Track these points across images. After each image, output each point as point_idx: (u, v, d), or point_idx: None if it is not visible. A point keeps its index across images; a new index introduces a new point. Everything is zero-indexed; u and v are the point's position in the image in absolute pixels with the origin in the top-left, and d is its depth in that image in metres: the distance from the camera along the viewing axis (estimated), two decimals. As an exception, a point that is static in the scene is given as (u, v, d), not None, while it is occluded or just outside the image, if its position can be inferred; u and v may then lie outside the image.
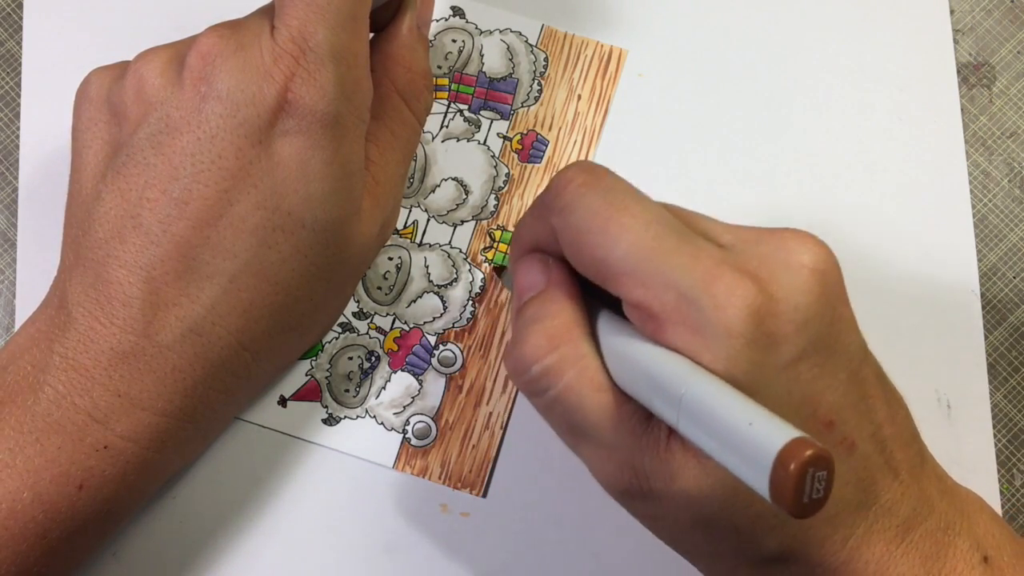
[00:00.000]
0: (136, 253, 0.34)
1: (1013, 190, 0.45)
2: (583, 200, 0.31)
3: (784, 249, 0.30)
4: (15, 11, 0.45)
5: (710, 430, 0.26)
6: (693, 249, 0.29)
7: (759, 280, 0.29)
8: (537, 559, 0.41)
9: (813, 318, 0.29)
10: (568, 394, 0.31)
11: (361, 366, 0.42)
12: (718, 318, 0.28)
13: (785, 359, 0.29)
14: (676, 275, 0.29)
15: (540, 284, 0.33)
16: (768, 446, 0.24)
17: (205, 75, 0.34)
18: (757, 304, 0.28)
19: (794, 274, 0.29)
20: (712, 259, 0.29)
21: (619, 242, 0.30)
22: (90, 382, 0.33)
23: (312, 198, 0.35)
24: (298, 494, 0.41)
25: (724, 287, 0.28)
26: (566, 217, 0.31)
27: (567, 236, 0.32)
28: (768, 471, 0.24)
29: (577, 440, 0.33)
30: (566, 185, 0.32)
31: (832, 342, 0.30)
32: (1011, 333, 0.44)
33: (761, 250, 0.30)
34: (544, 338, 0.32)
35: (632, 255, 0.30)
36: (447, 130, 0.44)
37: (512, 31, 0.45)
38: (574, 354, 0.31)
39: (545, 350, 0.31)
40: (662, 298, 0.29)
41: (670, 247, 0.29)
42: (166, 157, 0.34)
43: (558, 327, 0.32)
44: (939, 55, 0.46)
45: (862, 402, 0.31)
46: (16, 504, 0.33)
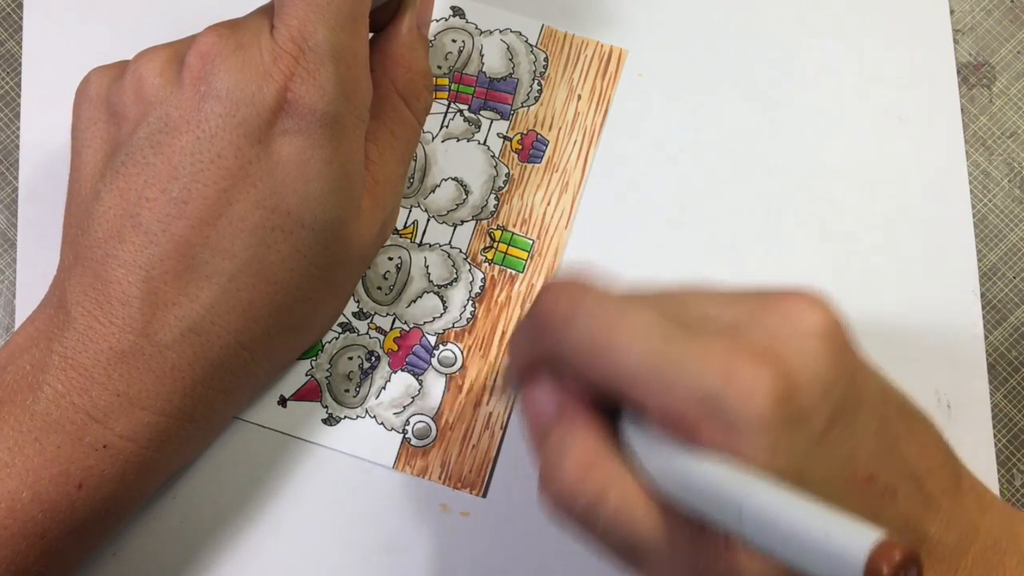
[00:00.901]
0: (135, 252, 0.34)
1: (1013, 190, 0.45)
2: (577, 321, 0.30)
3: (788, 319, 0.29)
4: (15, 11, 0.45)
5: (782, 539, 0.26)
6: (702, 343, 0.29)
7: (774, 360, 0.28)
8: (537, 559, 0.41)
9: (833, 383, 0.29)
10: (617, 518, 0.30)
11: (361, 366, 0.42)
12: (746, 412, 0.28)
13: (818, 430, 0.29)
14: (693, 378, 0.28)
15: (553, 409, 0.32)
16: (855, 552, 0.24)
17: (204, 74, 0.34)
18: (779, 387, 0.28)
19: (805, 344, 0.29)
20: (723, 350, 0.29)
21: (629, 354, 0.29)
22: (89, 381, 0.33)
23: (311, 198, 0.35)
24: (298, 494, 0.41)
25: (744, 378, 0.28)
26: (565, 340, 0.31)
27: (571, 358, 0.31)
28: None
29: (634, 562, 0.31)
30: (554, 308, 0.31)
31: (855, 398, 0.30)
32: (1011, 333, 0.44)
33: (766, 324, 0.29)
34: (579, 465, 0.31)
35: (644, 364, 0.29)
36: (447, 130, 0.44)
37: (512, 31, 0.45)
38: (613, 475, 0.30)
39: (584, 478, 0.30)
40: (685, 401, 0.28)
41: (679, 348, 0.29)
42: (165, 156, 0.34)
43: (590, 451, 0.31)
44: (939, 55, 0.46)
45: (894, 445, 0.31)
46: (15, 503, 0.33)
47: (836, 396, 0.29)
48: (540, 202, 0.44)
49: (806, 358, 0.29)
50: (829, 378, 0.29)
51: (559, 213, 0.44)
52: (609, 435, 0.31)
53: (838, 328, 0.30)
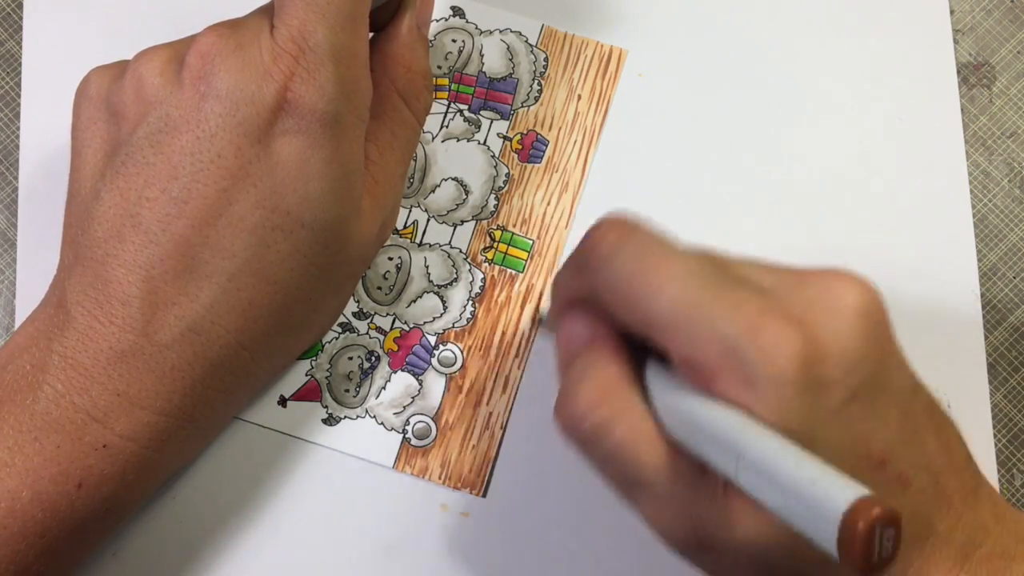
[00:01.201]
0: (135, 252, 0.34)
1: (1013, 190, 0.45)
2: (619, 258, 0.31)
3: (828, 291, 0.30)
4: (15, 11, 0.45)
5: (771, 487, 0.26)
6: (735, 298, 0.29)
7: (805, 325, 0.29)
8: (537, 559, 0.41)
9: (861, 360, 0.29)
10: (622, 447, 0.31)
11: (361, 366, 0.42)
12: (767, 368, 0.28)
13: (836, 403, 0.29)
14: (721, 327, 0.29)
15: (585, 338, 0.33)
16: (834, 505, 0.24)
17: (204, 74, 0.34)
18: (805, 351, 0.28)
19: (840, 317, 0.29)
20: (755, 307, 0.29)
21: (660, 297, 0.30)
22: (89, 381, 0.33)
23: (311, 197, 0.35)
24: (298, 494, 0.41)
25: (771, 336, 0.28)
26: (604, 276, 0.31)
27: (607, 294, 0.31)
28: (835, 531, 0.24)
29: (632, 493, 0.32)
30: (599, 243, 0.32)
31: (881, 381, 0.30)
32: (1011, 333, 0.44)
33: (805, 293, 0.30)
34: (595, 392, 0.31)
35: (674, 310, 0.29)
36: (447, 130, 0.44)
37: (512, 31, 0.45)
38: (625, 406, 0.31)
39: (596, 404, 0.31)
40: (709, 351, 0.29)
41: (711, 298, 0.29)
42: (165, 156, 0.34)
43: (607, 381, 0.32)
44: (939, 55, 0.46)
45: (914, 436, 0.31)
46: (15, 503, 0.33)
47: (862, 374, 0.29)
48: (540, 202, 0.44)
49: (838, 330, 0.29)
50: (858, 355, 0.29)
51: (559, 213, 0.44)
52: (632, 372, 0.32)
53: (878, 310, 0.30)
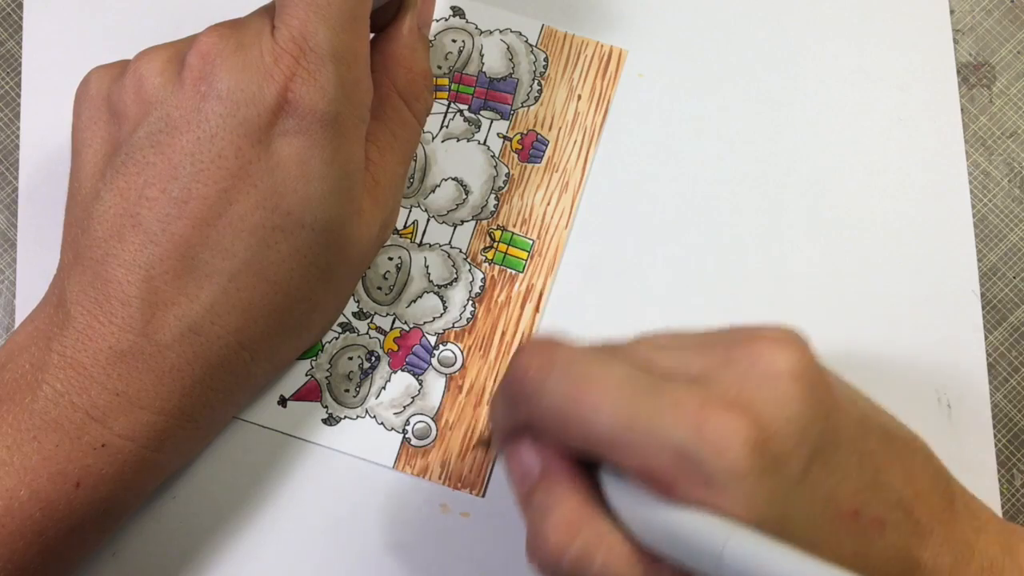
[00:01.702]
0: (135, 252, 0.34)
1: (1013, 190, 0.45)
2: (547, 388, 0.30)
3: (758, 364, 0.29)
4: (15, 11, 0.45)
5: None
6: (672, 398, 0.29)
7: (745, 408, 0.28)
8: (537, 559, 0.41)
9: (808, 425, 0.29)
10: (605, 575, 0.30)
11: (361, 366, 0.42)
12: (722, 464, 0.27)
13: (796, 474, 0.28)
14: (666, 433, 0.28)
15: (535, 470, 0.32)
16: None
17: (205, 74, 0.34)
18: (753, 435, 0.28)
19: (776, 388, 0.29)
20: (694, 403, 0.28)
21: (597, 418, 0.29)
22: (88, 381, 0.33)
23: (312, 198, 0.35)
24: (298, 494, 0.41)
25: (716, 430, 0.28)
26: (536, 407, 0.30)
27: (544, 423, 0.31)
28: None
29: None
30: (524, 375, 0.31)
31: (833, 436, 0.29)
32: (1011, 333, 0.44)
33: (736, 370, 0.29)
34: (562, 527, 0.30)
35: (616, 424, 0.29)
36: (447, 130, 0.44)
37: (512, 31, 0.45)
38: (598, 534, 0.30)
39: (569, 539, 0.30)
40: (660, 460, 0.28)
41: (649, 405, 0.29)
42: (166, 156, 0.34)
43: (571, 510, 0.30)
44: (939, 55, 0.46)
45: (877, 477, 0.30)
46: (13, 502, 0.33)
47: (813, 437, 0.29)
48: (540, 202, 0.44)
49: (778, 402, 0.28)
50: (804, 420, 0.28)
51: (559, 213, 0.44)
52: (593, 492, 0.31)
53: (810, 366, 0.29)
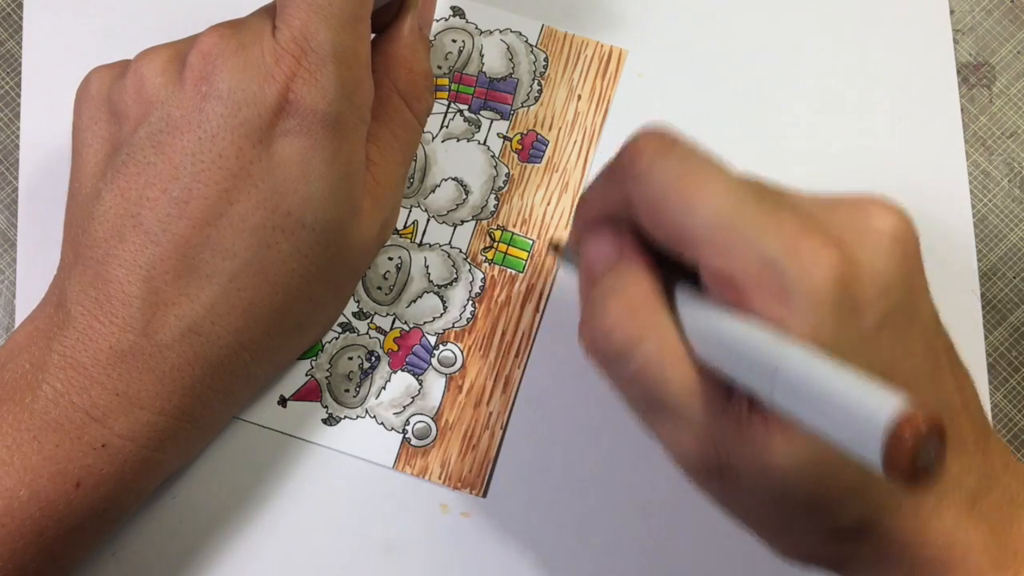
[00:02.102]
0: (136, 252, 0.34)
1: (1013, 190, 0.45)
2: (660, 168, 0.30)
3: (865, 216, 0.30)
4: (15, 11, 0.45)
5: (810, 402, 0.25)
6: (775, 216, 0.29)
7: (842, 245, 0.28)
8: (537, 559, 0.41)
9: (894, 285, 0.29)
10: (648, 366, 0.30)
11: (361, 366, 0.42)
12: (804, 284, 0.28)
13: (868, 326, 0.28)
14: (759, 242, 0.28)
15: (613, 256, 0.32)
16: (880, 416, 0.23)
17: (206, 74, 0.34)
18: (842, 270, 0.28)
19: (876, 241, 0.29)
20: (794, 225, 0.28)
21: (699, 210, 0.29)
22: (89, 381, 0.33)
23: (312, 198, 0.35)
24: (298, 494, 0.41)
25: (808, 253, 0.28)
26: (642, 186, 0.30)
27: (644, 205, 0.31)
28: (881, 442, 0.23)
29: (654, 415, 0.31)
30: (640, 153, 0.31)
31: (911, 310, 0.30)
32: (1011, 333, 0.44)
33: (842, 217, 0.29)
34: (624, 308, 0.31)
35: (713, 222, 0.29)
36: (447, 130, 0.44)
37: (512, 31, 0.45)
38: (654, 324, 0.30)
39: (624, 321, 0.30)
40: (745, 265, 0.28)
41: (751, 214, 0.29)
42: (167, 156, 0.34)
43: (636, 297, 0.31)
44: (939, 55, 0.46)
45: (936, 372, 0.31)
46: (13, 502, 0.33)
47: (894, 300, 0.29)
48: (540, 202, 0.44)
49: (874, 253, 0.29)
50: (892, 279, 0.29)
51: (559, 213, 0.44)
52: (661, 292, 0.31)
53: (912, 238, 0.30)
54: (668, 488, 0.41)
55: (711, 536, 0.41)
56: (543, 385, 0.42)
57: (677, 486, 0.41)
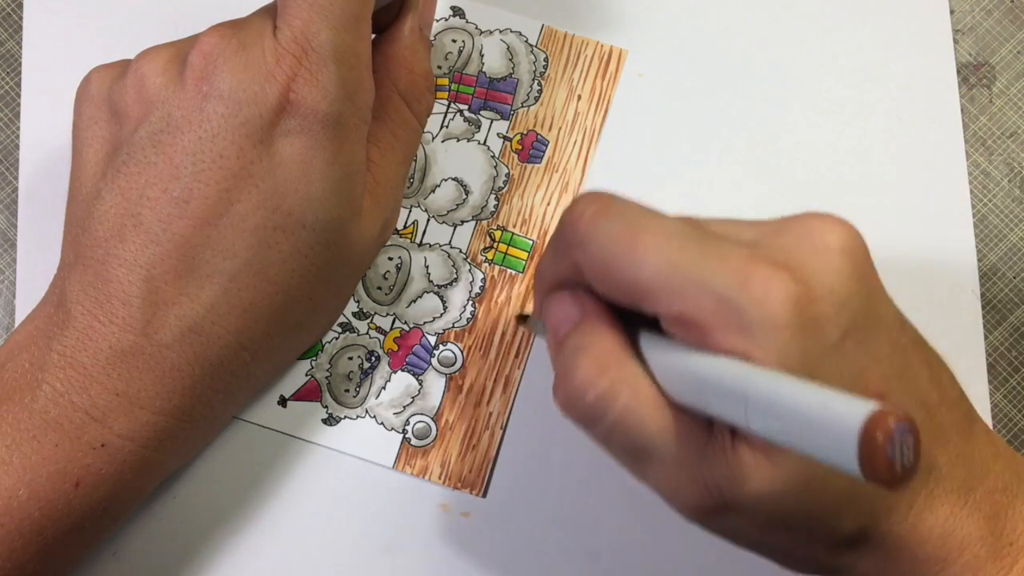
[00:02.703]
0: (136, 252, 0.34)
1: (1013, 190, 0.45)
2: (600, 229, 0.31)
3: (808, 234, 0.30)
4: (15, 11, 0.45)
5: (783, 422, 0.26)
6: (720, 251, 0.29)
7: (791, 269, 0.29)
8: (537, 559, 0.41)
9: (850, 296, 0.29)
10: (626, 416, 0.31)
11: (361, 366, 0.42)
12: (761, 313, 0.28)
13: (831, 341, 0.29)
14: (710, 280, 0.29)
15: (575, 316, 0.33)
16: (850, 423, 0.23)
17: (207, 74, 0.34)
18: (796, 293, 0.28)
19: (825, 258, 0.29)
20: (741, 257, 0.29)
21: (646, 261, 0.30)
22: (88, 380, 0.33)
23: (313, 198, 0.35)
24: (298, 494, 0.41)
25: (760, 282, 0.28)
26: (586, 249, 0.31)
27: (592, 268, 0.31)
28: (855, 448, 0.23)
29: (641, 465, 0.32)
30: (579, 219, 0.31)
31: (870, 316, 0.30)
32: (1011, 333, 0.44)
33: (786, 240, 0.30)
34: (592, 365, 0.31)
35: (662, 271, 0.29)
36: (447, 130, 0.44)
37: (512, 31, 0.45)
38: (625, 375, 0.31)
39: (596, 376, 0.31)
40: (701, 306, 0.29)
41: (697, 255, 0.29)
42: (167, 156, 0.34)
43: (603, 353, 0.31)
44: (939, 55, 0.46)
45: (906, 370, 0.31)
46: (12, 501, 0.33)
47: (852, 311, 0.29)
48: (540, 202, 0.44)
49: (825, 270, 0.29)
50: (846, 292, 0.29)
51: (559, 213, 0.43)
52: (626, 343, 0.32)
53: (859, 247, 0.30)
54: (668, 488, 0.41)
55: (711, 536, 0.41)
56: (543, 385, 0.42)
57: (677, 486, 0.41)
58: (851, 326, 0.29)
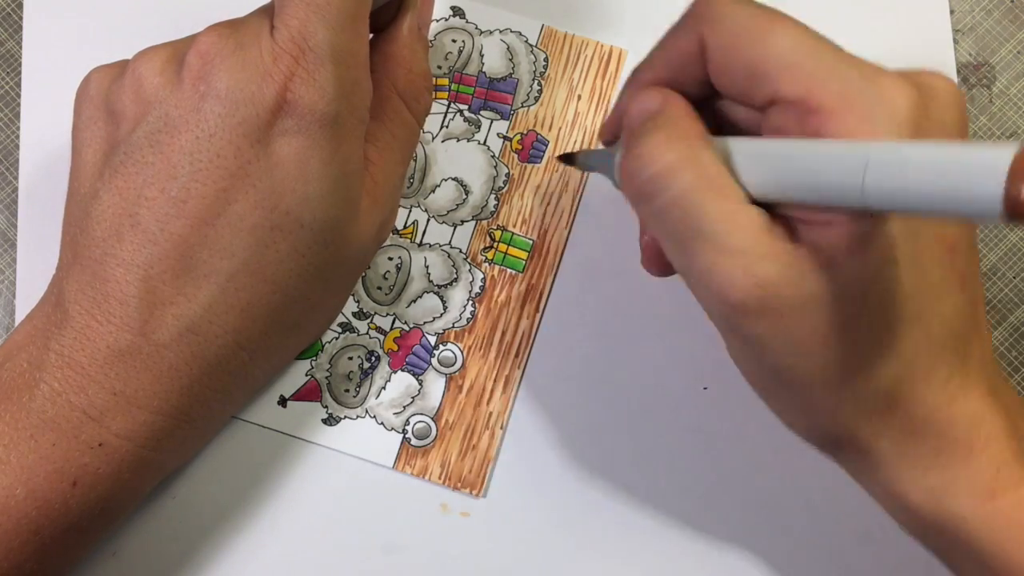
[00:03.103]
0: (134, 251, 0.34)
1: (1013, 190, 0.45)
2: (734, 9, 0.31)
3: (928, 77, 0.31)
4: (15, 11, 0.45)
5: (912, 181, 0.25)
6: (851, 56, 0.30)
7: (918, 86, 0.30)
8: (537, 559, 0.41)
9: (961, 130, 0.30)
10: (687, 195, 0.30)
11: (361, 366, 0.42)
12: (887, 108, 0.29)
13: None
14: (842, 68, 0.29)
15: (658, 106, 0.33)
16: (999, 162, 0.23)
17: (204, 74, 0.34)
18: (919, 99, 0.29)
19: (942, 94, 0.31)
20: (870, 65, 0.30)
21: (782, 39, 0.30)
22: (86, 380, 0.33)
23: (310, 198, 0.35)
24: (298, 494, 0.41)
25: (890, 83, 0.29)
26: (720, 24, 0.31)
27: (719, 42, 0.31)
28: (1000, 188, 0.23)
29: (691, 248, 0.30)
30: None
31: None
32: (1011, 333, 0.44)
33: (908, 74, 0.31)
34: (663, 139, 0.31)
35: (796, 49, 0.30)
36: (447, 130, 0.44)
37: (512, 31, 0.45)
38: (695, 154, 0.30)
39: (663, 150, 0.30)
40: (829, 89, 0.29)
41: (831, 49, 0.30)
42: (164, 156, 0.34)
43: (677, 130, 0.31)
44: (939, 55, 0.46)
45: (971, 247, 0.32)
46: (9, 500, 0.33)
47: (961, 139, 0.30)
48: (540, 202, 0.44)
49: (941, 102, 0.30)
50: (954, 130, 0.30)
51: (559, 213, 0.43)
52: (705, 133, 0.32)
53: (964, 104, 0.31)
54: (667, 488, 0.41)
55: (711, 535, 0.41)
56: (543, 385, 0.42)
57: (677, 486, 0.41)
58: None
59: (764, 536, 0.41)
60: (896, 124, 0.28)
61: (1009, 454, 0.32)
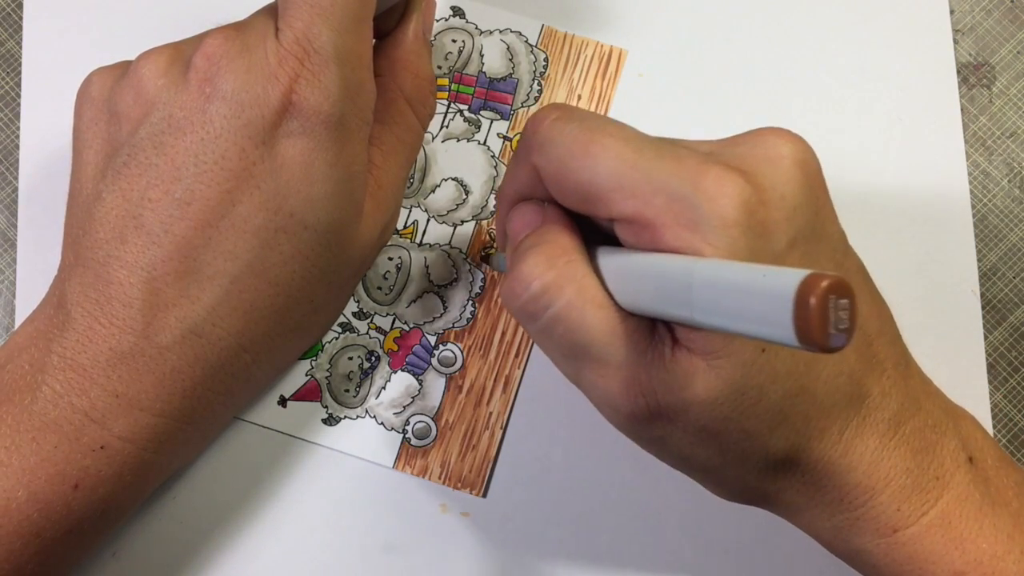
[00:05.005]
0: (137, 253, 0.34)
1: (1013, 190, 0.45)
2: (561, 131, 0.31)
3: (763, 145, 0.30)
4: (15, 11, 0.45)
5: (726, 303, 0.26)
6: (675, 154, 0.30)
7: (744, 173, 0.29)
8: (537, 559, 0.41)
9: (800, 207, 0.30)
10: (569, 311, 0.31)
11: (361, 366, 0.42)
12: (712, 211, 0.28)
13: (778, 248, 0.29)
14: (663, 179, 0.29)
15: (536, 222, 0.33)
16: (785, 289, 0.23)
17: (210, 76, 0.34)
18: (747, 194, 0.28)
19: (777, 166, 0.30)
20: (695, 161, 0.29)
21: (602, 160, 0.30)
22: (88, 382, 0.33)
23: (315, 200, 0.35)
24: (298, 494, 0.41)
25: (713, 182, 0.28)
26: (546, 152, 0.32)
27: (549, 170, 0.32)
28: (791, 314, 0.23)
29: (579, 364, 0.32)
30: (540, 122, 0.32)
31: (818, 231, 0.30)
32: (1011, 333, 0.44)
33: (741, 149, 0.30)
34: (542, 259, 0.31)
35: (617, 170, 0.30)
36: (447, 130, 0.44)
37: (512, 31, 0.45)
38: (573, 272, 0.31)
39: (544, 269, 0.31)
40: (653, 204, 0.29)
41: (652, 156, 0.30)
42: (169, 157, 0.34)
43: (555, 249, 0.32)
44: (939, 55, 0.46)
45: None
46: (11, 502, 0.33)
47: (800, 221, 0.30)
48: (540, 202, 0.44)
49: (777, 178, 0.29)
50: (796, 201, 0.30)
51: (559, 213, 0.43)
52: (581, 248, 0.32)
53: (812, 160, 0.30)
54: (667, 488, 0.41)
55: (711, 535, 0.41)
56: (543, 385, 0.42)
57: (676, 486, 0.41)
58: (798, 236, 0.30)
59: (764, 535, 0.41)
60: (724, 227, 0.28)
61: (911, 486, 0.33)
